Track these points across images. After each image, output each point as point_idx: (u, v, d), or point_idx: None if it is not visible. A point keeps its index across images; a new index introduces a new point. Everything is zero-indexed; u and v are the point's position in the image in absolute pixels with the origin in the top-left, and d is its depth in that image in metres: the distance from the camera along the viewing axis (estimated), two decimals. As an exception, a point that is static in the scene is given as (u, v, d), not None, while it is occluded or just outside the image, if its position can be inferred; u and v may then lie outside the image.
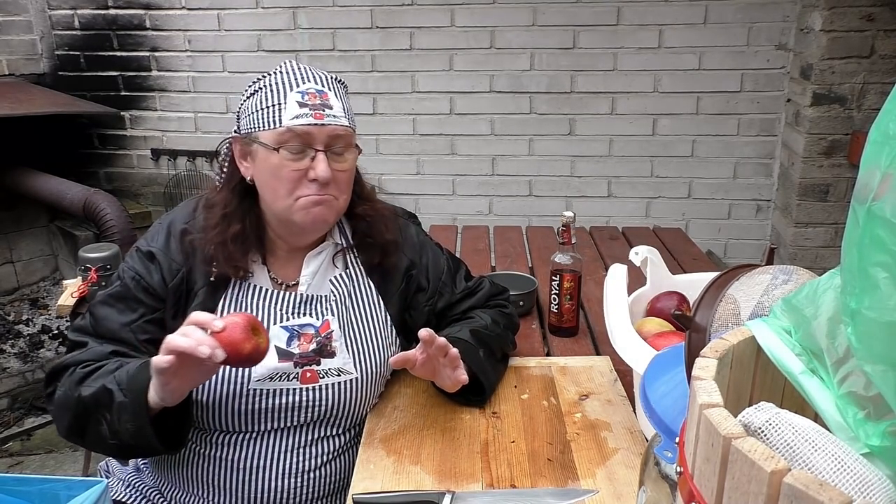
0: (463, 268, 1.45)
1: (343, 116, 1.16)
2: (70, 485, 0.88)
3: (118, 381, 1.06)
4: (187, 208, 1.25)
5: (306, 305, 1.23)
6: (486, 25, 3.20)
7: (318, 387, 1.19)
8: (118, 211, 2.94)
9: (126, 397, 1.03)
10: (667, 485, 0.73)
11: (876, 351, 0.51)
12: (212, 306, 1.18)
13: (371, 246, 1.28)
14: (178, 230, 1.20)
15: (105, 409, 1.06)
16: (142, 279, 1.17)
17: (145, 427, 1.03)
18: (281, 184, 1.14)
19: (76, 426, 1.11)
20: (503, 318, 1.41)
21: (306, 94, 1.13)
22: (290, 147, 1.12)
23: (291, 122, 1.11)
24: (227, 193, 1.20)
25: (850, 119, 2.88)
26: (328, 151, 1.14)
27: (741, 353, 0.64)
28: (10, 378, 2.97)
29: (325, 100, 1.14)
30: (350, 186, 1.22)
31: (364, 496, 1.03)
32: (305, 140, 1.12)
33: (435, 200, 3.47)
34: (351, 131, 1.18)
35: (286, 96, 1.13)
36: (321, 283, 1.26)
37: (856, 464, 0.50)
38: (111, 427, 1.06)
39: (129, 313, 1.17)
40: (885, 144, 0.51)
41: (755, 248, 3.35)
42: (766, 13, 3.03)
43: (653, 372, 0.98)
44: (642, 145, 3.28)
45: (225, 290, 1.20)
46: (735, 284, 0.89)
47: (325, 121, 1.13)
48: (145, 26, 3.42)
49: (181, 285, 1.18)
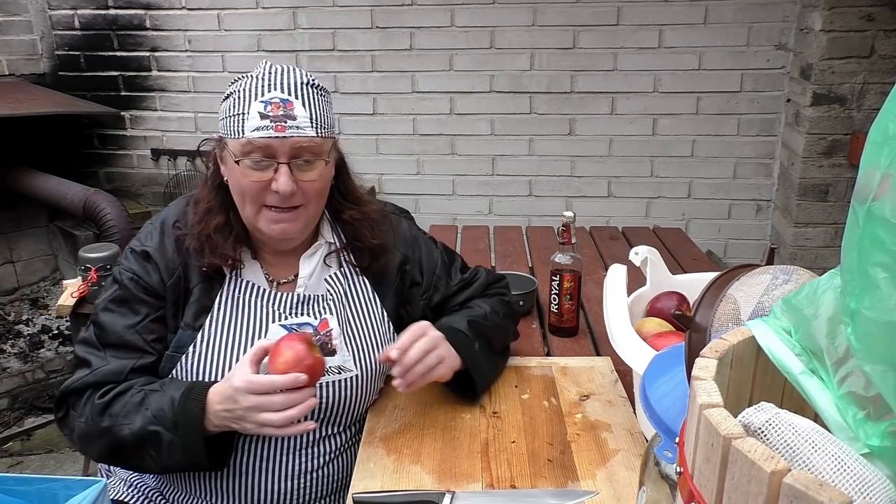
0: (458, 260, 1.44)
1: (309, 126, 1.11)
2: (68, 484, 0.88)
3: (158, 418, 1.07)
4: (179, 206, 1.25)
5: (303, 306, 1.22)
6: (486, 25, 3.20)
7: (318, 385, 1.18)
8: (118, 211, 2.95)
9: (177, 436, 1.06)
10: (667, 485, 0.73)
11: (876, 351, 0.51)
12: (208, 303, 1.18)
13: (359, 249, 1.28)
14: (170, 227, 1.20)
15: (151, 448, 1.08)
16: (140, 279, 1.17)
17: (200, 457, 1.07)
18: (245, 193, 1.13)
19: (111, 457, 1.15)
20: (503, 306, 1.40)
21: (269, 105, 1.09)
22: (252, 158, 1.10)
23: (252, 135, 1.09)
24: (211, 190, 1.21)
25: (850, 119, 2.88)
26: (292, 163, 1.11)
27: (741, 353, 0.64)
28: (10, 378, 2.97)
29: (288, 110, 1.10)
30: (322, 195, 1.19)
31: (364, 495, 1.03)
32: (267, 153, 1.10)
33: (435, 200, 3.47)
34: (318, 141, 1.13)
35: (249, 106, 1.10)
36: (317, 283, 1.26)
37: (856, 464, 0.50)
38: (158, 461, 1.09)
39: (132, 315, 1.16)
40: (885, 144, 0.51)
41: (755, 248, 3.35)
42: (766, 13, 3.03)
43: (653, 372, 0.98)
44: (642, 145, 3.28)
45: (220, 286, 1.19)
46: (735, 284, 0.89)
47: (286, 133, 1.09)
48: (145, 26, 3.42)
49: (179, 283, 1.17)
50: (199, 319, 1.17)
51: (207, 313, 1.18)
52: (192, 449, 1.06)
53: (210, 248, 1.16)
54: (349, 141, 3.41)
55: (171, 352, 1.17)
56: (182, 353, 1.16)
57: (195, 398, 1.07)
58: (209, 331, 1.17)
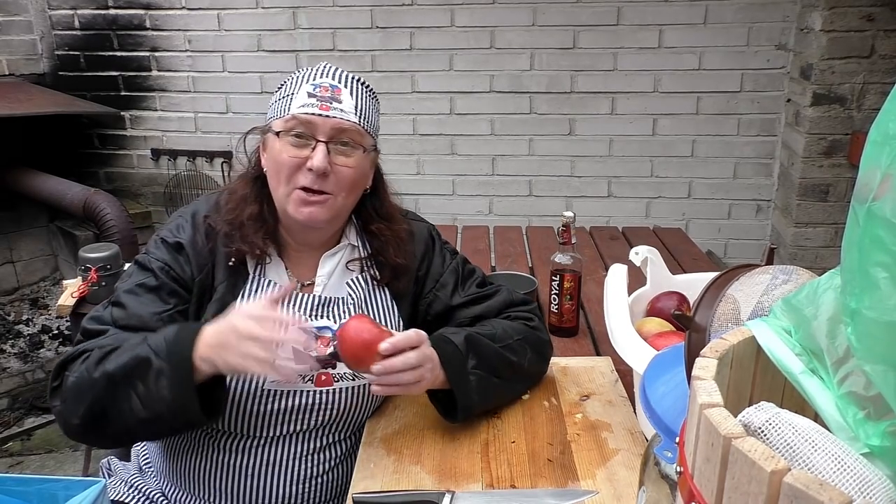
0: (478, 274, 1.38)
1: (353, 114, 1.15)
2: (68, 485, 0.88)
3: (154, 349, 1.01)
4: (210, 200, 1.25)
5: (323, 308, 1.22)
6: (486, 25, 3.20)
7: (332, 390, 1.18)
8: (118, 211, 2.95)
9: (167, 362, 0.99)
10: (667, 485, 0.73)
11: (876, 351, 0.51)
12: (230, 300, 1.17)
13: (382, 264, 1.28)
14: (201, 220, 1.19)
15: (138, 379, 1.00)
16: (171, 269, 1.16)
17: (189, 393, 0.99)
18: (280, 169, 1.14)
19: (97, 407, 1.02)
20: (524, 331, 1.28)
21: (319, 87, 1.14)
22: (292, 133, 1.13)
23: (297, 111, 1.13)
24: (248, 181, 1.22)
25: (850, 119, 2.88)
26: (331, 144, 1.13)
27: (741, 353, 0.64)
28: (10, 378, 2.97)
29: (336, 94, 1.15)
30: (354, 187, 1.19)
31: (364, 495, 1.03)
32: (309, 129, 1.13)
33: (435, 200, 3.47)
34: (359, 128, 1.16)
35: (299, 87, 1.15)
36: (338, 286, 1.25)
37: (856, 464, 0.50)
38: (145, 398, 1.00)
39: (159, 303, 1.13)
40: (885, 144, 0.51)
41: (755, 248, 3.35)
42: (766, 13, 3.03)
43: (653, 372, 0.98)
44: (642, 145, 3.28)
45: (244, 285, 1.19)
46: (735, 284, 0.89)
47: (330, 112, 1.13)
48: (145, 26, 3.42)
49: (206, 279, 1.17)
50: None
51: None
52: (180, 381, 0.99)
53: (241, 234, 1.17)
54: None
55: None
56: None
57: (190, 329, 1.03)
58: None
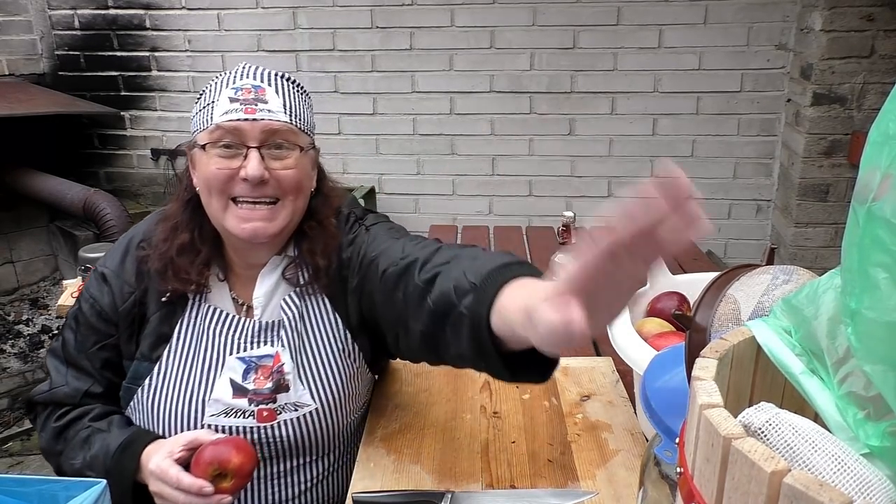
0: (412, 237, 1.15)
1: (282, 112, 1.05)
2: (69, 485, 0.88)
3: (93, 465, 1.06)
4: (150, 222, 1.18)
5: (264, 333, 1.12)
6: (486, 25, 3.20)
7: (276, 424, 1.10)
8: (118, 211, 2.95)
9: (109, 484, 0.99)
10: (667, 485, 0.73)
11: (876, 351, 0.51)
12: (167, 331, 1.11)
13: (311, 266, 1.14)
14: (134, 247, 1.14)
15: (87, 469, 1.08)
16: (95, 303, 1.12)
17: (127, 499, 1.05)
18: (212, 185, 1.04)
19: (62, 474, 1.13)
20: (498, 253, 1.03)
21: (240, 90, 1.05)
22: (220, 144, 1.03)
23: (221, 119, 1.03)
24: (180, 205, 1.13)
25: (850, 119, 2.88)
26: (263, 149, 1.04)
27: (741, 353, 0.64)
28: (10, 378, 2.97)
29: (260, 94, 1.05)
30: (300, 190, 1.08)
31: (364, 495, 1.03)
32: (236, 136, 1.03)
33: (435, 200, 3.47)
34: (291, 126, 1.06)
35: (220, 93, 1.06)
36: (276, 307, 1.14)
37: (856, 464, 0.50)
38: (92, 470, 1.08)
39: (83, 340, 1.13)
40: (885, 144, 0.51)
41: (755, 248, 3.35)
42: (766, 13, 3.03)
43: (653, 372, 0.98)
44: (642, 145, 3.28)
45: (182, 312, 1.12)
46: (735, 284, 0.89)
47: (256, 115, 1.03)
48: (145, 26, 3.42)
49: (133, 309, 1.11)
50: (157, 350, 1.11)
51: (166, 343, 1.11)
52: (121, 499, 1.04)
53: (173, 271, 1.08)
54: (349, 141, 3.42)
55: (127, 383, 1.12)
56: (138, 386, 1.11)
57: (130, 454, 1.04)
58: (166, 363, 1.10)
